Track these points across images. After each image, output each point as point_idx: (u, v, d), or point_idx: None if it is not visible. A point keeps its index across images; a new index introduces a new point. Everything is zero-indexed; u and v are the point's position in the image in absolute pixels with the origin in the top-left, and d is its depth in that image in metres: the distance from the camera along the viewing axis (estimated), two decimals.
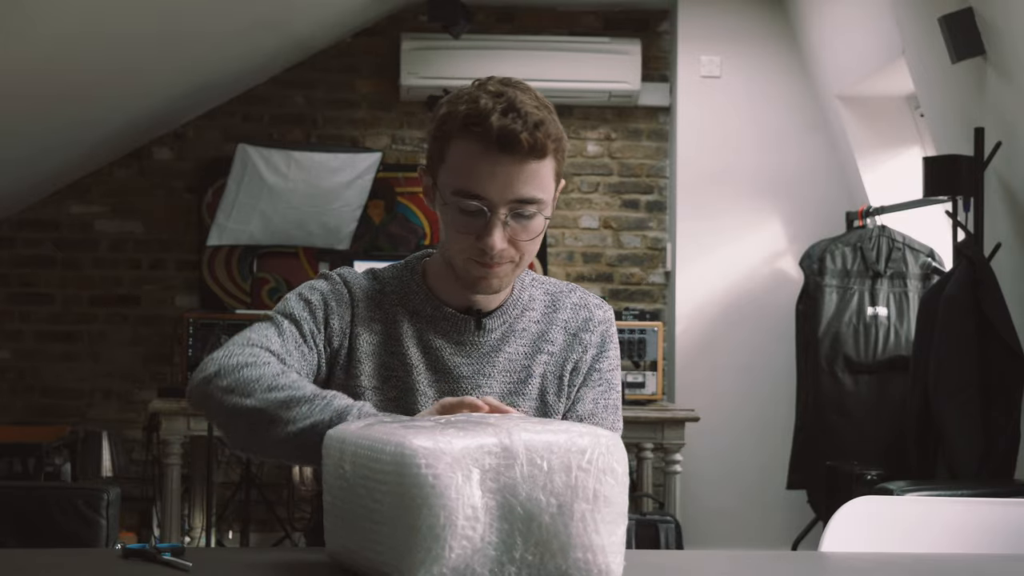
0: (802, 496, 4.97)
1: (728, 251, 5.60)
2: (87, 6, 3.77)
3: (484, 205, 1.63)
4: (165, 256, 5.81)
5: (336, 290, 1.78)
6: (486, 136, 1.61)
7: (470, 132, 1.63)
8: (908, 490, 3.27)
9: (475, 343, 1.76)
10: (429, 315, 1.76)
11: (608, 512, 1.29)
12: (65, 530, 2.17)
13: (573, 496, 1.28)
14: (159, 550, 1.45)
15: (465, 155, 1.64)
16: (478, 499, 1.26)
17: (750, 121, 5.63)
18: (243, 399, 1.60)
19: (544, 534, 1.27)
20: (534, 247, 1.69)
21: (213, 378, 1.63)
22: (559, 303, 1.82)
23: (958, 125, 4.09)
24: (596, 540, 1.29)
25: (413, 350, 1.74)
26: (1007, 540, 1.84)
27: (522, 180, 1.63)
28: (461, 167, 1.64)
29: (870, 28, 4.79)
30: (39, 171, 5.33)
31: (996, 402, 3.67)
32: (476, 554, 1.26)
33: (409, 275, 1.80)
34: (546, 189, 1.66)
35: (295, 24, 5.19)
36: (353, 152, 5.62)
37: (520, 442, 1.28)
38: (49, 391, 5.74)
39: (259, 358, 1.65)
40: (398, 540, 1.26)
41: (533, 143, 1.62)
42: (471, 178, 1.63)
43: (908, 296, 4.72)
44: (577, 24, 5.84)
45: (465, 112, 1.64)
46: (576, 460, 1.28)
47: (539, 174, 1.64)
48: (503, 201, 1.63)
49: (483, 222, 1.64)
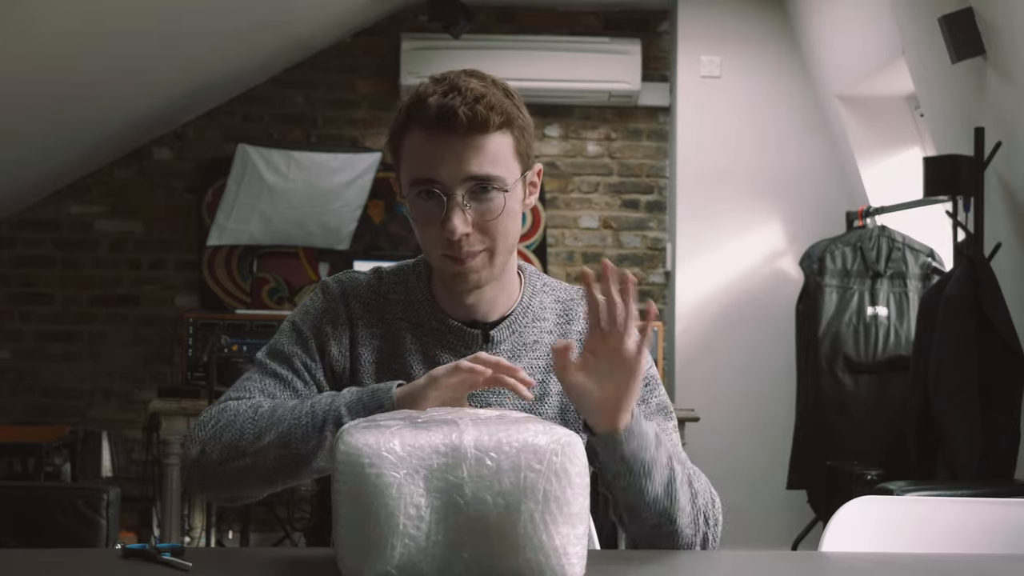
0: (802, 496, 4.97)
1: (728, 251, 5.60)
2: (87, 6, 3.77)
3: (439, 190, 1.61)
4: (165, 256, 5.81)
5: (332, 310, 1.73)
6: (426, 118, 1.60)
7: (413, 119, 1.62)
8: (908, 490, 3.27)
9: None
10: (434, 328, 1.71)
11: (560, 514, 1.28)
12: (65, 530, 2.16)
13: (521, 496, 1.27)
14: (159, 550, 1.45)
15: (412, 144, 1.63)
16: (422, 499, 1.26)
17: (750, 121, 5.63)
18: (239, 461, 1.59)
19: (492, 535, 1.27)
20: (504, 230, 1.64)
21: (200, 457, 1.61)
22: (571, 312, 1.75)
23: (958, 125, 4.09)
24: (548, 541, 1.27)
25: (417, 367, 1.69)
26: (1007, 540, 1.84)
27: (469, 157, 1.60)
28: (412, 157, 1.63)
29: (870, 28, 4.79)
30: (39, 171, 5.33)
31: (996, 402, 3.67)
32: (421, 553, 1.27)
33: (415, 281, 1.75)
34: (501, 166, 1.62)
35: (295, 24, 5.19)
36: (353, 152, 5.62)
37: (470, 441, 1.27)
38: (49, 391, 5.74)
39: (229, 414, 1.63)
40: (350, 539, 1.28)
41: (472, 116, 1.59)
42: (420, 163, 1.62)
43: (908, 296, 4.71)
44: (577, 24, 5.84)
45: (408, 103, 1.64)
46: (527, 460, 1.27)
47: (487, 150, 1.61)
48: (456, 181, 1.60)
49: (442, 208, 1.61)
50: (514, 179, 1.64)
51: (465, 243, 1.61)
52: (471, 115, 1.58)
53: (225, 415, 1.63)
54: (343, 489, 1.27)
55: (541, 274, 1.82)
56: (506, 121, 1.62)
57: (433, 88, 1.62)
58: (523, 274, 1.78)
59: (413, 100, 1.63)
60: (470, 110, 1.58)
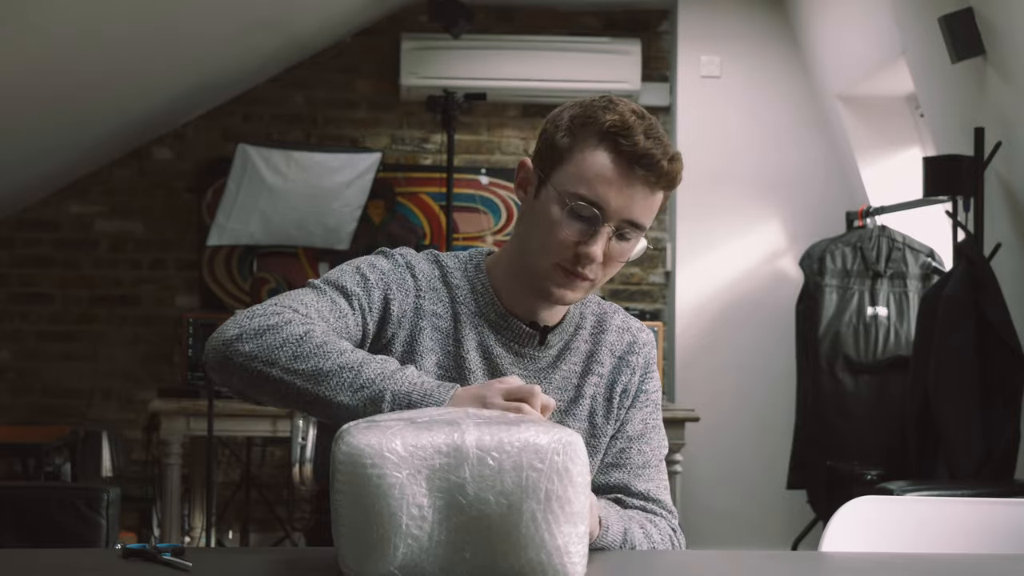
0: (802, 496, 4.97)
1: (728, 251, 5.60)
2: (87, 6, 3.77)
3: (600, 214, 1.62)
4: (165, 256, 5.81)
5: (399, 274, 1.70)
6: (630, 151, 1.61)
7: (613, 142, 1.62)
8: (908, 490, 3.27)
9: (534, 357, 1.73)
10: (494, 321, 1.72)
11: (563, 512, 1.28)
12: (65, 530, 2.16)
13: (523, 496, 1.27)
14: (159, 550, 1.45)
15: (597, 161, 1.62)
16: (425, 499, 1.26)
17: (750, 121, 5.63)
18: (267, 368, 1.51)
19: (494, 534, 1.27)
20: (615, 271, 1.70)
21: (234, 342, 1.53)
22: (604, 324, 1.80)
23: (958, 125, 4.09)
24: (550, 541, 1.27)
25: (473, 354, 1.70)
26: (1007, 540, 1.84)
27: (642, 204, 1.64)
28: (588, 172, 1.62)
29: (870, 28, 4.79)
30: (39, 171, 5.33)
31: (996, 402, 3.68)
32: (424, 553, 1.27)
33: (475, 272, 1.74)
34: (652, 219, 1.67)
35: (295, 24, 5.19)
36: (353, 152, 5.62)
37: (472, 441, 1.27)
38: (49, 391, 5.74)
39: (282, 318, 1.54)
40: (352, 539, 1.28)
41: (672, 177, 1.63)
42: (596, 186, 1.62)
43: (908, 296, 4.72)
44: (577, 24, 5.84)
45: (611, 122, 1.62)
46: (529, 460, 1.27)
47: (656, 203, 1.66)
48: (618, 217, 1.62)
49: (592, 230, 1.62)
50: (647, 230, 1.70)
51: (589, 268, 1.64)
52: (669, 172, 1.63)
53: (276, 317, 1.55)
54: (344, 490, 1.27)
55: None
56: (675, 186, 1.67)
57: (637, 123, 1.63)
58: None
59: (618, 123, 1.62)
60: (670, 166, 1.63)
